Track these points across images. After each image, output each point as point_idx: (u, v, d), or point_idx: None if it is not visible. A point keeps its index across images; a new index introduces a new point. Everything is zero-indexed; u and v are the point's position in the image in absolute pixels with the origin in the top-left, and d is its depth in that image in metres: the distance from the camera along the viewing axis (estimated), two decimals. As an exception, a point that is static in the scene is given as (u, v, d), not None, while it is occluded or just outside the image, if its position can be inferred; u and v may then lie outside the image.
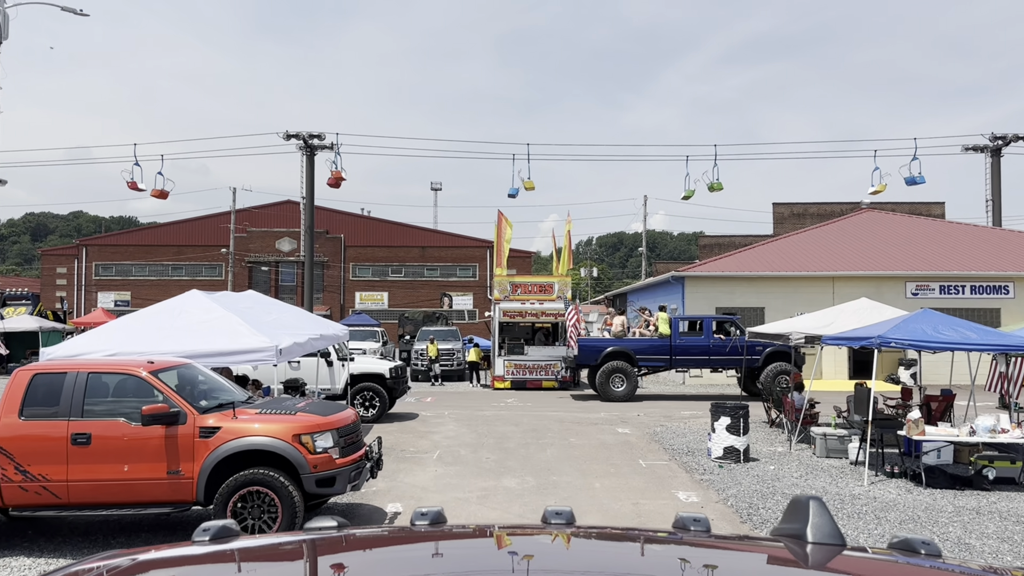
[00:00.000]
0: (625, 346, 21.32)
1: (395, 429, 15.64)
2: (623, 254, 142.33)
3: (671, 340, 21.37)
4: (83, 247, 59.46)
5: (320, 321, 14.42)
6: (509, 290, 25.12)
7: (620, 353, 21.21)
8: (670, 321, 21.61)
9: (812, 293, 26.29)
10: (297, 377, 15.01)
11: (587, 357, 21.42)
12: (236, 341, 10.55)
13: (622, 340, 21.68)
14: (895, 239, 30.42)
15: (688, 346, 21.32)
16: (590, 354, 21.36)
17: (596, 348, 21.38)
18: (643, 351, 21.30)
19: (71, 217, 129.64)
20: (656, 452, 13.27)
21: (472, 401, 21.56)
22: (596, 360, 21.31)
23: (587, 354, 21.37)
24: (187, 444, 8.12)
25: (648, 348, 21.34)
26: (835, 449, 13.32)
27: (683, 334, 21.48)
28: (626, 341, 21.59)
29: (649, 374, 22.78)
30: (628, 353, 21.19)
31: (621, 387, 21.05)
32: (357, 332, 31.55)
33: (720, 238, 57.98)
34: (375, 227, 60.04)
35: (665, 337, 21.44)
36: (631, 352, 21.27)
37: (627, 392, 20.99)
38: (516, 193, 29.17)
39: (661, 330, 21.55)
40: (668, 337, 21.41)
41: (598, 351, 21.30)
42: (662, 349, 21.28)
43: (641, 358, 21.34)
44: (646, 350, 21.31)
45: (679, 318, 21.95)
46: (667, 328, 21.50)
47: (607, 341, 21.75)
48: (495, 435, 14.91)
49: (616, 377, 21.04)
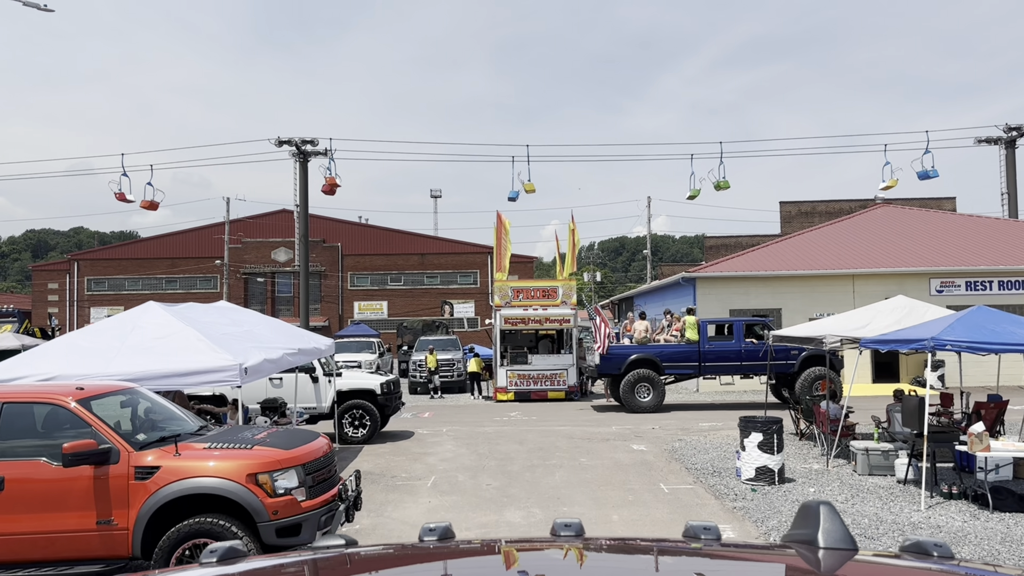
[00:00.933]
0: (650, 353, 19.80)
1: (387, 450, 14.20)
2: (625, 258, 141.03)
3: (699, 346, 19.86)
4: (74, 262, 58.15)
5: (300, 334, 13.00)
6: (510, 295, 23.67)
7: (645, 361, 19.69)
8: (698, 325, 20.11)
9: (831, 292, 24.84)
10: (277, 396, 13.59)
11: (609, 366, 19.86)
12: (194, 360, 9.14)
13: (646, 346, 20.17)
14: (914, 234, 28.97)
15: (718, 351, 19.81)
16: (613, 362, 19.80)
17: (619, 356, 19.84)
18: (670, 358, 19.77)
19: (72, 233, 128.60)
20: (678, 473, 11.81)
21: (473, 415, 20.11)
22: (619, 369, 19.75)
23: (609, 362, 19.82)
24: (120, 488, 6.70)
25: (675, 355, 19.82)
26: (879, 466, 11.86)
27: (712, 339, 19.96)
28: (651, 348, 20.07)
29: (676, 382, 21.22)
30: (654, 360, 19.68)
31: (647, 397, 19.54)
32: (352, 343, 30.14)
33: (726, 239, 56.59)
34: (373, 235, 58.64)
35: (693, 342, 19.92)
36: (657, 359, 19.77)
37: (654, 403, 19.48)
38: (516, 196, 27.82)
39: (688, 335, 20.02)
40: (696, 342, 19.90)
41: (621, 359, 19.76)
42: (690, 355, 19.77)
43: (668, 365, 19.81)
44: (673, 357, 19.79)
45: (707, 321, 20.40)
46: (695, 333, 19.97)
47: (631, 348, 20.16)
48: (497, 456, 13.46)
49: (641, 387, 19.53)
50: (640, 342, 20.34)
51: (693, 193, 26.58)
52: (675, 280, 26.72)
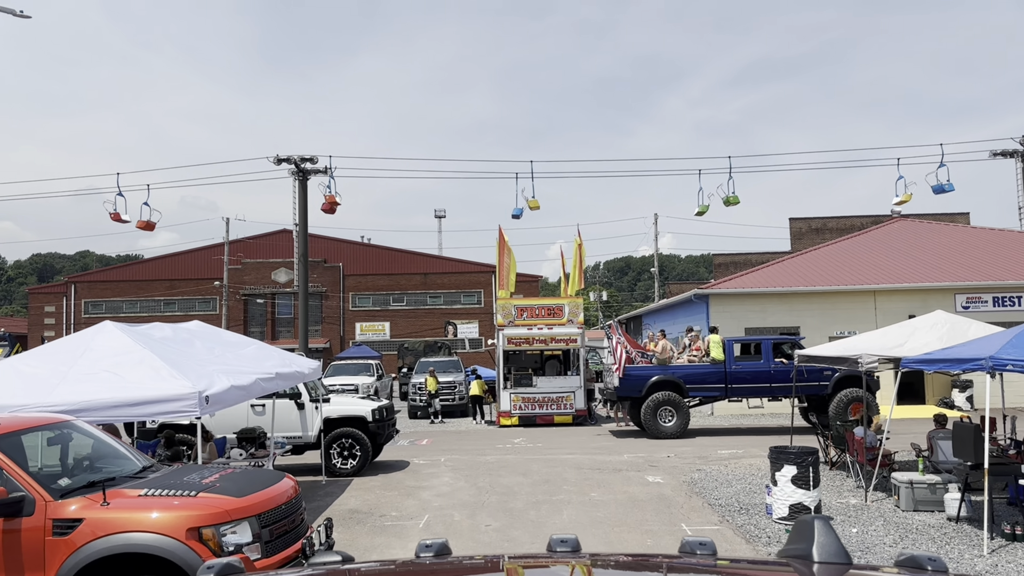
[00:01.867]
0: (673, 374, 18.53)
1: (378, 484, 12.96)
2: (631, 278, 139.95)
3: (725, 366, 18.58)
4: (72, 284, 57.22)
5: (282, 357, 11.81)
6: (514, 314, 22.46)
7: (668, 382, 18.39)
8: (723, 344, 18.84)
9: (852, 309, 23.60)
10: (255, 426, 12.39)
11: (630, 388, 18.52)
12: (148, 387, 7.96)
13: (669, 367, 18.88)
14: (936, 248, 27.74)
15: (746, 372, 18.49)
16: (633, 384, 18.47)
17: (640, 377, 18.55)
18: (695, 379, 18.47)
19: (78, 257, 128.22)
20: (700, 511, 10.54)
21: (474, 442, 18.86)
22: (640, 391, 18.44)
23: (630, 384, 18.48)
24: (34, 545, 5.51)
25: (700, 376, 18.52)
26: (925, 501, 10.59)
27: (738, 358, 18.68)
28: (674, 368, 18.78)
29: (700, 405, 19.89)
30: (677, 382, 18.39)
31: (671, 422, 18.20)
32: (350, 366, 29.00)
33: (735, 256, 55.46)
34: (375, 255, 57.58)
35: (718, 362, 18.63)
36: (681, 381, 18.49)
37: (678, 428, 18.18)
38: (520, 213, 26.72)
39: (713, 355, 18.70)
40: (722, 362, 18.62)
41: (642, 381, 18.47)
42: (716, 376, 18.47)
43: (692, 387, 18.51)
44: (698, 378, 18.49)
45: (733, 340, 19.08)
46: (720, 352, 18.68)
47: (652, 369, 18.88)
48: (499, 489, 12.21)
49: (664, 410, 18.24)
50: (662, 362, 19.04)
51: (702, 209, 25.40)
52: (687, 297, 25.52)
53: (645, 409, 18.24)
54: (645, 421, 18.28)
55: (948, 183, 25.79)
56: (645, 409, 18.24)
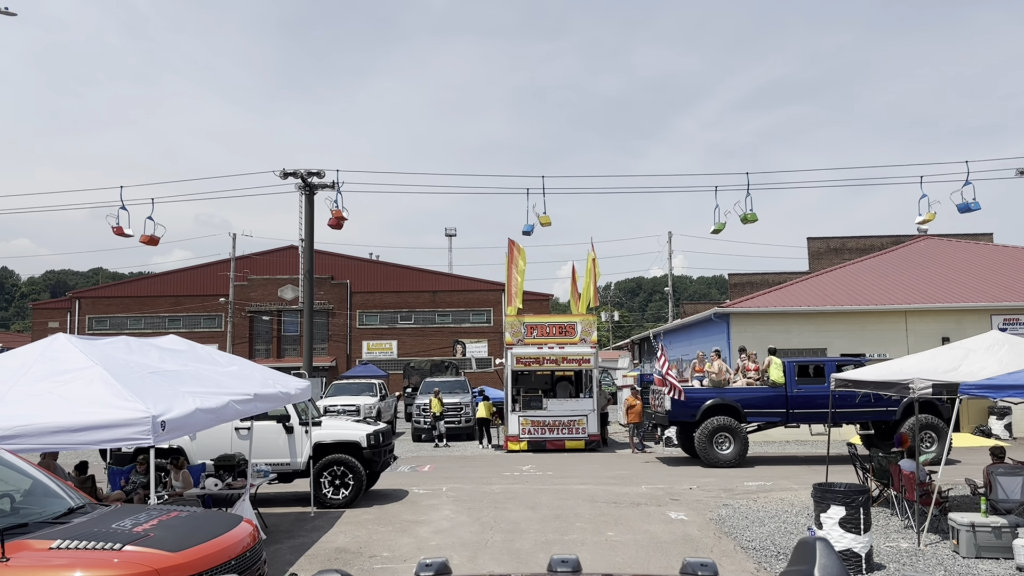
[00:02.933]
0: (730, 398, 17.30)
1: (371, 517, 11.75)
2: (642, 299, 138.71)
3: (786, 389, 17.32)
4: (76, 300, 56.48)
5: (265, 376, 10.66)
6: (523, 332, 21.26)
7: (724, 407, 17.15)
8: (784, 366, 17.59)
9: (882, 330, 22.30)
10: (235, 453, 11.23)
11: (683, 412, 17.26)
12: (95, 411, 6.83)
13: (725, 390, 17.63)
14: (967, 268, 26.42)
15: (808, 396, 17.15)
16: (687, 409, 17.22)
17: (694, 401, 17.31)
18: (753, 404, 17.20)
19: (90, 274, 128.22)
20: (732, 556, 9.28)
21: (479, 469, 17.62)
22: (694, 416, 17.20)
23: (683, 408, 17.24)
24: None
25: (759, 400, 17.26)
26: (990, 546, 9.29)
27: (799, 381, 17.46)
28: (731, 391, 17.53)
29: (759, 431, 18.55)
30: (734, 407, 17.13)
31: (728, 449, 16.95)
32: (352, 386, 27.86)
33: (751, 276, 54.08)
34: (383, 272, 56.57)
35: (778, 386, 17.39)
36: (738, 405, 17.26)
37: (736, 455, 16.91)
38: (531, 230, 25.65)
39: (773, 377, 17.43)
40: (782, 385, 17.38)
41: (697, 405, 17.25)
42: (776, 401, 17.17)
43: (751, 412, 17.25)
44: (757, 402, 17.22)
45: (792, 361, 17.77)
46: (780, 374, 17.41)
47: (707, 392, 17.67)
48: (504, 526, 10.98)
49: (721, 437, 17.01)
50: (717, 384, 17.75)
51: (718, 227, 24.19)
52: (706, 316, 24.27)
53: (700, 435, 16.98)
54: (700, 448, 17.01)
55: (974, 201, 24.52)
56: (700, 435, 16.98)
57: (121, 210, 28.76)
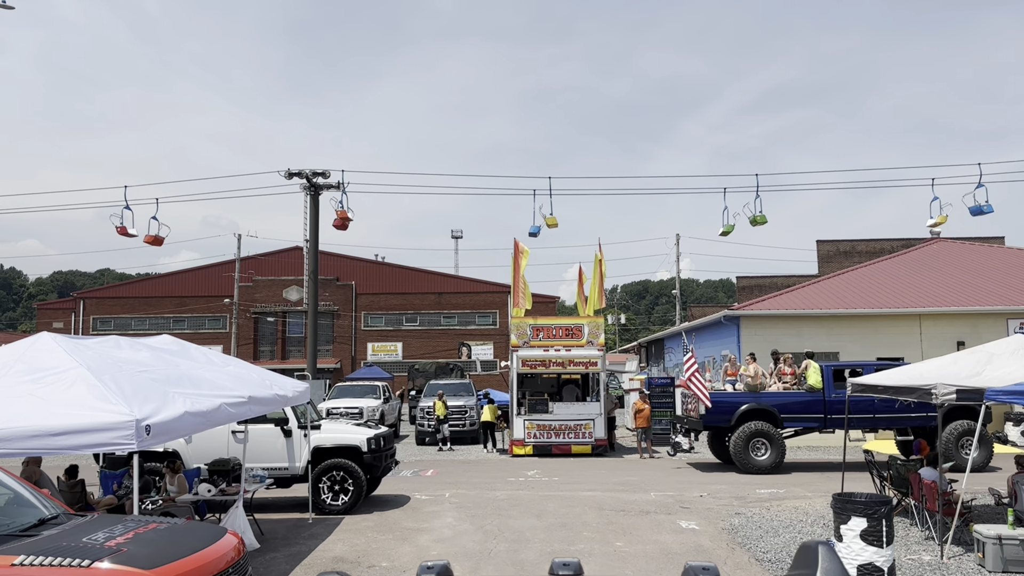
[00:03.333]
0: (766, 402, 16.85)
1: (371, 524, 11.36)
2: (648, 302, 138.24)
3: (824, 394, 16.87)
4: (80, 300, 56.33)
5: (263, 378, 10.30)
6: (529, 334, 20.85)
7: (760, 411, 16.73)
8: (822, 370, 17.20)
9: (895, 334, 21.83)
10: (230, 457, 10.87)
11: (718, 417, 16.85)
12: (76, 414, 6.47)
13: (760, 394, 17.16)
14: (983, 271, 25.92)
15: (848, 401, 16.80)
16: (722, 413, 16.82)
17: (729, 406, 16.92)
18: (791, 408, 16.73)
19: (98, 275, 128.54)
20: (748, 568, 8.86)
21: (484, 474, 17.22)
22: (729, 421, 16.79)
23: (718, 413, 16.82)
24: None
25: (797, 405, 16.80)
26: (1018, 560, 8.86)
27: (838, 386, 16.94)
28: (766, 396, 17.09)
29: (795, 436, 18.09)
30: (770, 411, 16.72)
31: (764, 455, 16.52)
32: (355, 388, 27.52)
33: (760, 279, 53.62)
34: (388, 273, 56.26)
35: (816, 390, 16.94)
36: (775, 410, 16.84)
37: (773, 461, 16.47)
38: (538, 231, 25.29)
39: (811, 381, 16.96)
40: (820, 390, 16.94)
41: (732, 409, 16.85)
42: (814, 406, 16.71)
43: (787, 417, 16.80)
44: (794, 407, 16.77)
45: (830, 365, 17.29)
46: (818, 378, 16.99)
47: (742, 396, 17.23)
48: (508, 535, 10.58)
49: (758, 442, 16.61)
50: (752, 388, 17.31)
51: (727, 229, 23.76)
52: (716, 319, 23.83)
53: (736, 440, 16.54)
54: (735, 453, 16.58)
55: (987, 204, 24.07)
56: (736, 440, 16.54)
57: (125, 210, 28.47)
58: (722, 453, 18.17)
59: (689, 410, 17.70)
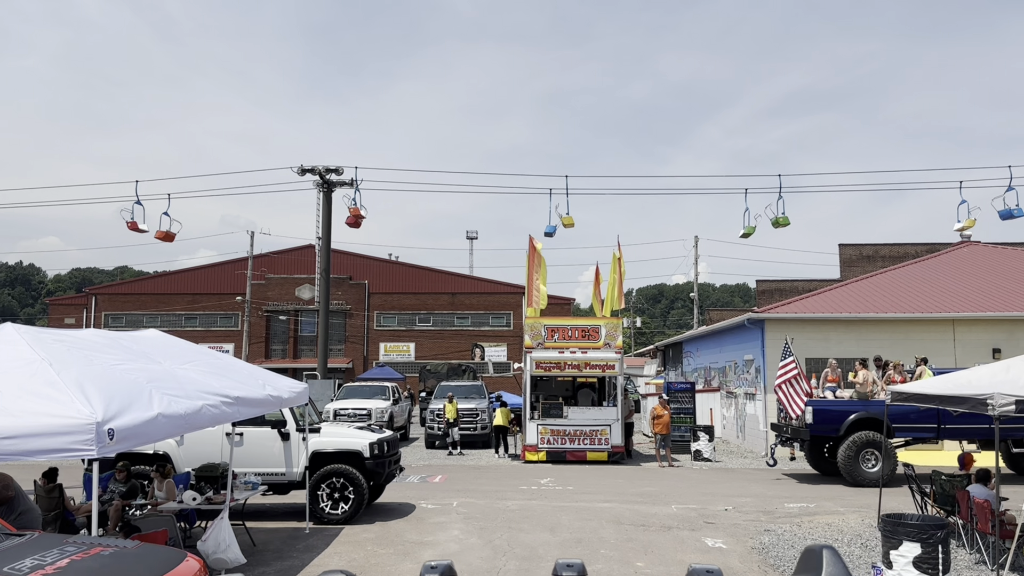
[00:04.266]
0: (877, 411, 15.90)
1: (372, 536, 10.57)
2: (664, 306, 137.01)
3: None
4: (92, 296, 56.03)
5: (255, 378, 9.54)
6: (543, 335, 20.01)
7: (870, 421, 15.85)
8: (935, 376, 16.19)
9: (928, 340, 20.82)
10: (220, 462, 10.11)
11: (824, 426, 16.02)
12: (28, 415, 5.71)
13: (871, 403, 16.24)
14: (1016, 275, 24.82)
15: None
16: (829, 422, 15.99)
17: (838, 414, 16.09)
18: (904, 418, 15.78)
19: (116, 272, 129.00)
20: (784, 596, 7.99)
21: (494, 481, 16.41)
22: (838, 431, 15.93)
23: (825, 422, 15.98)
24: None
25: (910, 414, 15.86)
26: (1086, 592, 7.95)
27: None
28: (877, 404, 16.03)
29: (906, 446, 17.11)
30: (881, 421, 15.88)
31: (875, 466, 15.66)
32: (364, 388, 26.77)
33: (780, 283, 52.46)
34: (402, 273, 55.57)
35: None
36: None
37: (884, 473, 15.40)
38: (554, 231, 24.52)
39: None
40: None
41: (840, 418, 16.00)
42: (928, 415, 15.83)
43: (899, 427, 15.90)
44: (907, 417, 15.90)
45: (942, 371, 16.34)
46: None
47: (852, 404, 16.38)
48: (518, 551, 9.76)
49: (868, 453, 15.73)
50: (862, 396, 16.38)
51: (748, 230, 22.86)
52: (739, 322, 22.89)
53: (845, 451, 15.63)
54: (845, 465, 15.68)
55: (1017, 208, 23.05)
56: (845, 451, 15.63)
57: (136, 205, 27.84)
58: (821, 465, 17.30)
59: (792, 418, 16.72)
